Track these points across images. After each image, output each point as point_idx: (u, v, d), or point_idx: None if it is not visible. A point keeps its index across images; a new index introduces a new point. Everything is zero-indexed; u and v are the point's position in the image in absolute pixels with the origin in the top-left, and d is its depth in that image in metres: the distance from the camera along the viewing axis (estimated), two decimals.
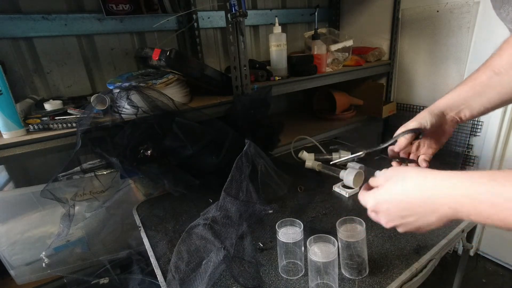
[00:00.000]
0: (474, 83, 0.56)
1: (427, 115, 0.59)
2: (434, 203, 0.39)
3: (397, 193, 0.44)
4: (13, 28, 1.00)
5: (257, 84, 1.11)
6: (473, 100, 0.56)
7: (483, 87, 0.55)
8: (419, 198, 0.41)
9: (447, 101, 0.59)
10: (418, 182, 0.42)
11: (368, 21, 1.62)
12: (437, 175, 0.40)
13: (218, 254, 0.60)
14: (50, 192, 0.77)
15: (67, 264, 0.95)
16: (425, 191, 0.41)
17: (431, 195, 0.40)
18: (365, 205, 0.50)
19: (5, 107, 0.73)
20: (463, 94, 0.57)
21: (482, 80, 0.55)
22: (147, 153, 0.84)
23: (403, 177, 0.44)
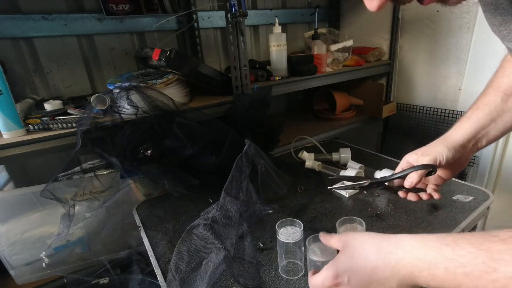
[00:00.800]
0: (489, 108, 0.52)
1: (444, 150, 0.54)
2: (395, 266, 0.37)
3: (358, 260, 0.40)
4: (13, 28, 1.00)
5: (257, 84, 1.11)
6: (490, 127, 0.53)
7: (499, 111, 0.52)
8: (381, 262, 0.38)
9: (464, 133, 0.54)
10: (379, 244, 0.40)
11: (368, 21, 1.62)
12: (397, 238, 0.39)
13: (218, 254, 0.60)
14: (50, 192, 0.77)
15: (67, 264, 0.95)
16: (387, 254, 0.38)
17: (391, 258, 0.38)
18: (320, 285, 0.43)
19: (5, 107, 0.73)
20: (480, 122, 0.53)
21: (496, 104, 0.52)
22: (147, 153, 0.84)
23: (362, 242, 0.41)
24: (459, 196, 0.84)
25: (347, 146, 1.23)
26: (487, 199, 0.81)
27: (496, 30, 0.39)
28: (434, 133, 1.46)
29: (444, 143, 0.55)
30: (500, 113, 0.52)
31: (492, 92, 0.53)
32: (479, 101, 0.54)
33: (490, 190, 1.36)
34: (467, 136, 0.54)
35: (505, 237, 0.32)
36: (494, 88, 0.53)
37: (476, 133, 0.54)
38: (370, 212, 0.81)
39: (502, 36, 0.38)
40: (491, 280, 0.30)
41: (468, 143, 0.54)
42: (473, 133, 0.53)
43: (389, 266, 0.38)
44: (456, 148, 0.54)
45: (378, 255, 0.39)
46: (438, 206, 0.80)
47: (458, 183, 0.91)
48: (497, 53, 1.18)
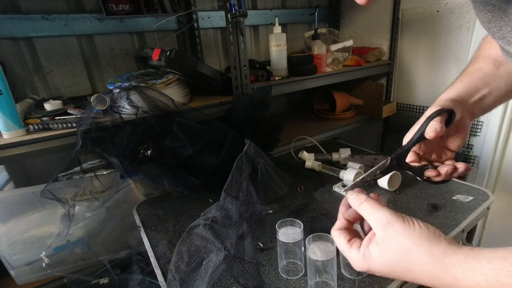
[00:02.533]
0: (482, 73, 0.48)
1: (445, 102, 0.47)
2: None
3: (397, 265, 0.36)
4: (13, 28, 1.00)
5: (257, 84, 1.11)
6: (485, 91, 0.49)
7: (492, 76, 0.48)
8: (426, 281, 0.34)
9: (458, 92, 0.49)
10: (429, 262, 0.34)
11: (368, 21, 1.62)
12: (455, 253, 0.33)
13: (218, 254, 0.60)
14: (50, 192, 0.77)
15: (67, 264, 0.95)
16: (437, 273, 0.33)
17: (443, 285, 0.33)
18: (346, 256, 0.40)
19: (5, 107, 0.73)
20: (473, 85, 0.48)
21: (489, 69, 0.48)
22: (147, 153, 0.84)
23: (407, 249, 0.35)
24: (459, 196, 0.84)
25: (347, 146, 1.23)
26: (487, 199, 0.81)
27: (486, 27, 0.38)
28: None
29: (440, 101, 0.48)
30: (494, 78, 0.48)
31: (483, 60, 0.50)
32: (469, 68, 0.51)
33: (490, 190, 1.36)
34: (461, 95, 0.48)
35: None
36: (483, 57, 0.50)
37: (470, 95, 0.49)
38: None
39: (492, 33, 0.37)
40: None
41: (463, 102, 0.48)
42: (467, 93, 0.49)
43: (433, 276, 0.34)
44: (454, 104, 0.47)
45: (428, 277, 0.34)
46: (438, 206, 0.80)
47: (458, 183, 0.91)
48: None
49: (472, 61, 0.53)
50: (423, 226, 0.36)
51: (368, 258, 0.38)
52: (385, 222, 0.37)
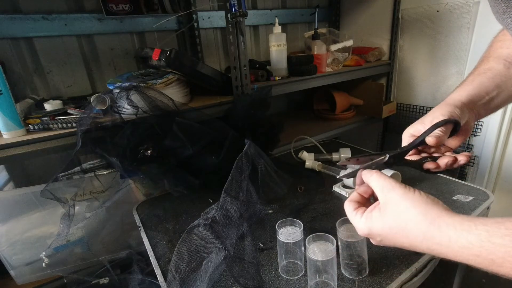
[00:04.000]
0: (492, 73, 0.48)
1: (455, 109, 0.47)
2: (441, 252, 0.35)
3: (398, 228, 0.38)
4: (13, 28, 1.00)
5: (257, 84, 1.11)
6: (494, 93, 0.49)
7: (502, 77, 0.48)
8: (424, 243, 0.36)
9: (468, 94, 0.48)
10: (428, 219, 0.36)
11: (368, 21, 1.62)
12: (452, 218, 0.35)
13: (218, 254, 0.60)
14: (50, 192, 0.77)
15: (67, 264, 0.95)
16: (432, 237, 0.35)
17: (438, 246, 0.35)
18: (352, 221, 0.44)
19: (5, 107, 0.73)
20: (484, 86, 0.49)
21: (500, 70, 0.48)
22: (147, 153, 0.84)
23: (405, 211, 0.37)
24: (459, 196, 0.84)
25: (347, 146, 1.23)
26: (487, 199, 0.81)
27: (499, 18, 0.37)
28: None
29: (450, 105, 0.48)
30: (504, 79, 0.48)
31: (494, 60, 0.50)
32: (480, 67, 0.51)
33: (490, 190, 1.36)
34: (471, 97, 0.48)
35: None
36: (494, 57, 0.50)
37: (480, 97, 0.49)
38: None
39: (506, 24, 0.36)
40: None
41: (473, 105, 0.49)
42: (477, 96, 0.48)
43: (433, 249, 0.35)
44: (463, 108, 0.47)
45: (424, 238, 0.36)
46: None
47: (458, 183, 0.91)
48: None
49: (483, 60, 0.53)
50: (422, 193, 0.38)
51: (370, 221, 0.40)
52: (389, 188, 0.40)
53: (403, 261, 0.62)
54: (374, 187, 0.43)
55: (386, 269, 0.61)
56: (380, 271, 0.60)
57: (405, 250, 0.65)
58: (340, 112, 1.55)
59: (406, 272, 0.59)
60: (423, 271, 0.62)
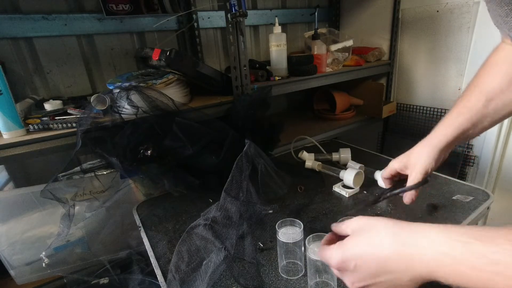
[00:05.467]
0: (471, 114, 0.54)
1: (431, 162, 0.57)
2: (412, 258, 0.34)
3: (368, 247, 0.38)
4: (13, 28, 1.00)
5: (257, 84, 1.11)
6: (470, 132, 0.56)
7: (479, 117, 0.54)
8: (395, 252, 0.35)
9: (447, 140, 0.57)
10: (394, 232, 0.36)
11: (368, 21, 1.62)
12: (415, 228, 0.36)
13: (218, 254, 0.60)
14: (50, 192, 0.77)
15: (67, 264, 0.95)
16: (402, 244, 0.35)
17: (408, 249, 0.35)
18: (327, 262, 0.42)
19: (5, 107, 0.73)
20: (462, 128, 0.56)
21: (478, 109, 0.54)
22: (147, 153, 0.84)
23: (374, 228, 0.38)
24: (459, 196, 0.84)
25: (347, 146, 1.23)
26: (487, 199, 0.81)
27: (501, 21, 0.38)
28: None
29: (430, 153, 0.57)
30: (481, 118, 0.54)
31: (476, 95, 0.54)
32: (462, 105, 0.56)
33: (490, 190, 1.36)
34: (449, 142, 0.57)
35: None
36: (478, 91, 0.54)
37: (457, 139, 0.57)
38: (370, 212, 0.81)
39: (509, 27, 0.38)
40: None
41: (448, 148, 0.58)
42: (455, 138, 0.57)
43: (405, 259, 0.35)
44: (440, 155, 0.58)
45: (394, 245, 0.36)
46: (438, 206, 0.80)
47: (458, 183, 0.91)
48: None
49: (470, 89, 0.57)
50: None
51: (342, 245, 0.40)
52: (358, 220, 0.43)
53: None
54: (345, 231, 0.43)
55: None
56: None
57: None
58: (340, 112, 1.55)
59: None
60: None
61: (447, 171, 1.09)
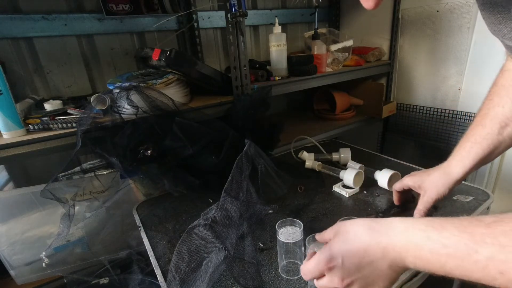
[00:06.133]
0: (487, 143, 0.56)
1: (445, 190, 0.62)
2: (385, 247, 0.39)
3: (350, 241, 0.42)
4: (13, 28, 1.00)
5: (257, 84, 1.11)
6: (486, 159, 0.57)
7: (495, 144, 0.55)
8: (374, 242, 0.40)
9: (464, 171, 0.59)
10: (369, 226, 0.41)
11: (368, 21, 1.62)
12: (386, 221, 0.41)
13: (218, 254, 0.60)
14: (50, 192, 0.77)
15: (67, 264, 0.95)
16: (378, 236, 0.40)
17: (382, 239, 0.39)
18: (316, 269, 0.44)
19: (5, 107, 0.73)
20: (479, 157, 0.57)
21: (493, 137, 0.55)
22: (147, 153, 0.84)
23: (353, 226, 0.43)
24: (459, 196, 0.84)
25: (347, 146, 1.23)
26: (487, 199, 0.81)
27: (495, 29, 0.38)
28: (434, 133, 1.46)
29: (445, 183, 0.61)
30: (497, 145, 0.55)
31: (489, 124, 0.55)
32: (478, 133, 0.57)
33: (490, 190, 1.36)
34: (466, 172, 0.59)
35: (489, 222, 0.33)
36: (491, 119, 0.55)
37: (473, 168, 0.59)
38: (370, 212, 0.81)
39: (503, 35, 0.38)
40: (473, 261, 0.32)
41: (464, 177, 0.60)
42: (472, 168, 0.58)
43: (380, 247, 0.39)
44: (455, 185, 0.61)
45: (370, 236, 0.40)
46: (438, 206, 0.80)
47: None
48: (497, 53, 1.18)
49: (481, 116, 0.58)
50: None
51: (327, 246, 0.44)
52: None
53: None
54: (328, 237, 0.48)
55: None
56: None
57: None
58: (340, 112, 1.55)
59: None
60: None
61: None
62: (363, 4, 0.36)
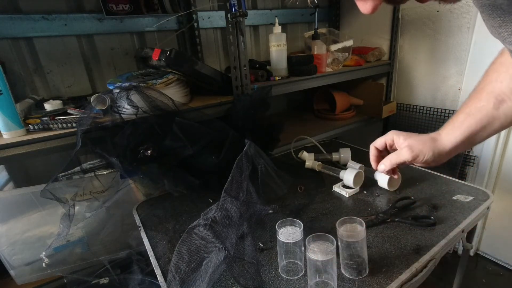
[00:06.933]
0: (481, 115, 0.53)
1: (429, 154, 0.57)
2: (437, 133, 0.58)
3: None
4: (13, 28, 1.00)
5: (257, 84, 1.11)
6: (479, 134, 0.54)
7: (489, 118, 0.52)
8: None
9: (454, 141, 0.56)
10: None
11: (368, 21, 1.62)
12: None
13: (218, 254, 0.60)
14: (50, 192, 0.77)
15: (67, 264, 0.95)
16: None
17: None
18: None
19: (5, 107, 0.73)
20: (471, 129, 0.54)
21: (488, 111, 0.52)
22: (147, 153, 0.84)
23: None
24: (459, 196, 0.84)
25: (347, 146, 1.23)
26: (487, 199, 0.81)
27: (495, 32, 0.38)
28: None
29: (433, 146, 0.57)
30: (491, 120, 0.52)
31: (486, 97, 0.53)
32: (473, 105, 0.54)
33: (490, 190, 1.36)
34: (456, 144, 0.56)
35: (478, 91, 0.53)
36: (487, 93, 0.53)
37: (465, 141, 0.55)
38: (370, 212, 0.81)
39: (503, 38, 0.37)
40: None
41: (454, 151, 0.57)
42: (463, 141, 0.55)
43: None
44: (442, 154, 0.57)
45: None
46: (438, 206, 0.80)
47: (458, 183, 0.91)
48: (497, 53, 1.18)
49: (477, 91, 0.55)
50: None
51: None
52: None
53: (403, 261, 0.62)
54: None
55: (386, 269, 0.61)
56: (380, 271, 0.60)
57: (405, 250, 0.65)
58: (340, 112, 1.55)
59: (406, 272, 0.59)
60: (423, 271, 0.62)
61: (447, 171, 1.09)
62: (360, 9, 0.35)
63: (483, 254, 1.50)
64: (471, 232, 0.82)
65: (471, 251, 1.49)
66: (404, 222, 0.74)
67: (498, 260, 1.46)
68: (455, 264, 1.03)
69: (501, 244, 1.43)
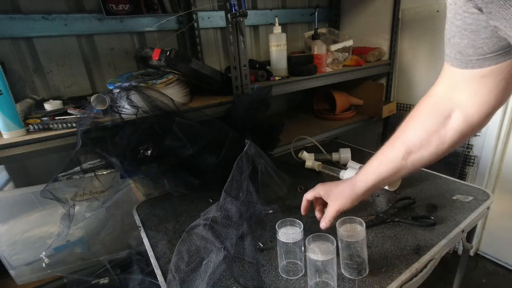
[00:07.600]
0: (392, 165, 0.59)
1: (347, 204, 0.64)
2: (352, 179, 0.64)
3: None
4: (13, 28, 1.00)
5: (257, 84, 1.11)
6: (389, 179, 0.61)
7: (399, 168, 0.58)
8: None
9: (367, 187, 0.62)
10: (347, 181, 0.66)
11: (368, 21, 1.62)
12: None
13: (218, 254, 0.60)
14: (50, 192, 0.77)
15: (67, 264, 0.95)
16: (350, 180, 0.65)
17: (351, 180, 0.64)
18: None
19: (5, 107, 0.73)
20: (382, 177, 0.61)
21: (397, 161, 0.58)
22: (147, 153, 0.84)
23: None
24: (459, 196, 0.84)
25: (347, 146, 1.23)
26: (487, 199, 0.81)
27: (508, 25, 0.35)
28: None
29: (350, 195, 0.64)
30: (399, 168, 0.58)
31: (398, 147, 0.58)
32: (386, 153, 0.61)
33: (490, 190, 1.36)
34: (369, 189, 0.63)
35: None
36: (401, 142, 0.58)
37: (376, 185, 0.62)
38: (370, 212, 0.81)
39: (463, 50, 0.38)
40: None
41: (367, 193, 0.64)
42: (374, 185, 0.62)
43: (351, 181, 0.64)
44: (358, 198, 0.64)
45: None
46: (438, 206, 0.80)
47: (458, 183, 0.91)
48: None
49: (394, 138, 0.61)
50: None
51: None
52: None
53: (403, 261, 0.62)
54: None
55: (386, 269, 0.61)
56: (380, 271, 0.60)
57: (405, 250, 0.65)
58: (340, 112, 1.55)
59: (406, 272, 0.59)
60: (423, 271, 0.62)
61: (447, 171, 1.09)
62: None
63: (483, 254, 1.50)
64: (471, 232, 0.82)
65: (471, 251, 1.49)
66: (404, 222, 0.74)
67: (498, 260, 1.46)
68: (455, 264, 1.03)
69: (501, 244, 1.43)
